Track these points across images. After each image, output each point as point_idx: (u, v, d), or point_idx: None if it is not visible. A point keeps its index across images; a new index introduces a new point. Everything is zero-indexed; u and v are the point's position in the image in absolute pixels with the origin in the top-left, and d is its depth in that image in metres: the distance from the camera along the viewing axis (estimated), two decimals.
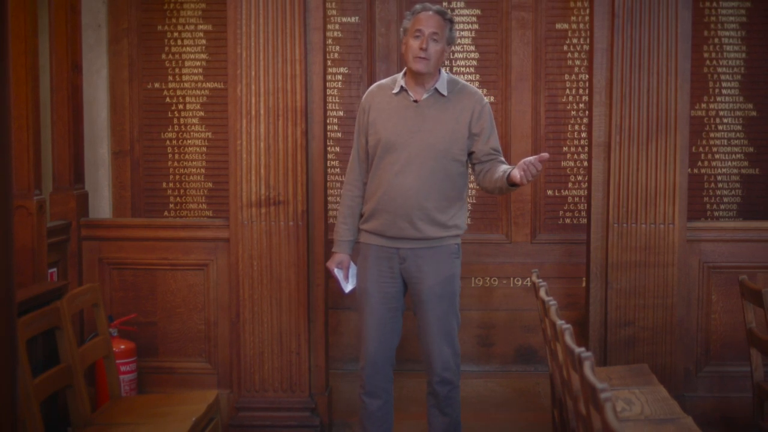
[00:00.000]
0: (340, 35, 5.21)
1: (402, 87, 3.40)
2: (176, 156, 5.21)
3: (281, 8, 3.96)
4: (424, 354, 3.46)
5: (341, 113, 5.24)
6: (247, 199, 4.01)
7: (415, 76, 3.37)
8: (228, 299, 4.16)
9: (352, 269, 3.52)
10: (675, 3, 3.95)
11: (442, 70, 3.43)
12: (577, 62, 5.22)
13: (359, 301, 3.49)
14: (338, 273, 3.49)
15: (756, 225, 4.30)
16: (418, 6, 3.42)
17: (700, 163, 5.22)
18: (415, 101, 3.39)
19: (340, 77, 5.24)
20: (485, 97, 3.50)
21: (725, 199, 5.23)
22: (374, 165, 3.42)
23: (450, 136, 3.36)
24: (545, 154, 3.17)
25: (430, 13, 3.35)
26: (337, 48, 5.22)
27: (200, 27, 5.17)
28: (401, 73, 3.45)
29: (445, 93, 3.38)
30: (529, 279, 5.12)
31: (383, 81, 3.55)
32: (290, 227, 4.01)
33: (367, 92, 3.53)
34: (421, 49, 3.29)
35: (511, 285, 5.23)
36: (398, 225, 3.35)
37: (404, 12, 4.97)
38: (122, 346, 4.09)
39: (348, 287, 3.51)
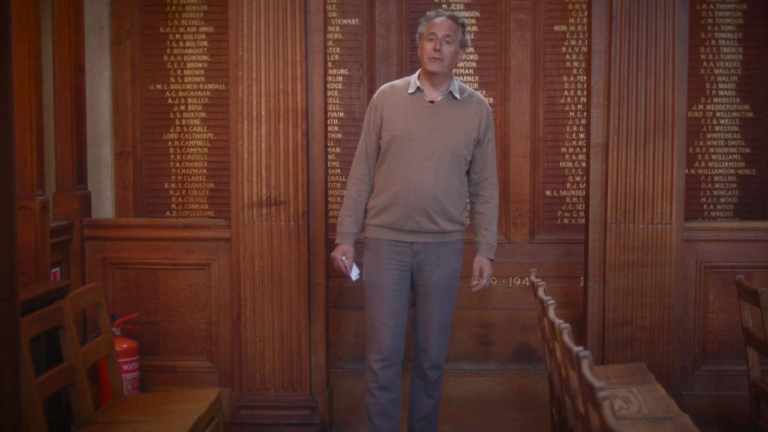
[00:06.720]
0: (340, 37, 5.24)
1: (418, 87, 3.52)
2: (178, 157, 5.24)
3: (282, 10, 3.99)
4: (421, 342, 3.57)
5: (341, 114, 5.27)
6: (249, 199, 4.04)
7: (431, 78, 3.49)
8: (229, 299, 4.18)
9: (354, 264, 3.58)
10: (672, 5, 3.98)
11: (453, 77, 3.55)
12: (575, 64, 5.25)
13: (370, 296, 3.53)
14: (345, 262, 3.54)
15: (752, 225, 4.33)
16: (431, 12, 3.57)
17: (697, 164, 5.25)
18: (431, 102, 3.50)
19: (340, 79, 5.26)
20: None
21: (722, 200, 5.26)
22: (388, 160, 3.49)
23: (464, 137, 3.50)
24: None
25: (443, 17, 3.51)
26: (338, 50, 5.25)
27: (202, 29, 5.20)
28: (415, 75, 3.55)
29: (458, 96, 3.52)
30: (527, 278, 5.15)
31: (395, 82, 3.65)
32: (291, 227, 4.04)
33: (378, 91, 3.61)
34: (434, 50, 3.44)
35: (510, 284, 5.26)
36: (415, 218, 3.45)
37: (404, 14, 5.02)
38: (125, 345, 4.11)
39: (354, 274, 3.57)
